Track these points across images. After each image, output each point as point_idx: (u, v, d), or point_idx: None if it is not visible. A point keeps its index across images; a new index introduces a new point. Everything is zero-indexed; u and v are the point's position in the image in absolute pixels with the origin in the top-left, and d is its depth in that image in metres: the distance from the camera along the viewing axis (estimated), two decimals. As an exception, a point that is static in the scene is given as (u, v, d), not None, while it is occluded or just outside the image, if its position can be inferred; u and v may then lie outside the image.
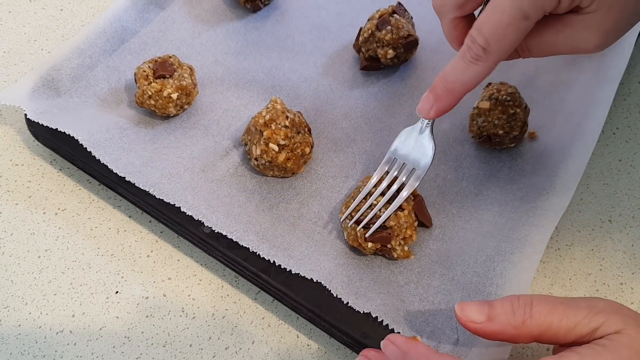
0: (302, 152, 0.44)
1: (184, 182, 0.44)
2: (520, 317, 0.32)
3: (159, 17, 0.54)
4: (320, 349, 0.40)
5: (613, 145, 0.49)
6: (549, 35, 0.35)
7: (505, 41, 0.33)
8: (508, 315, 0.32)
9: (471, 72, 0.35)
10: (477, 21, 0.34)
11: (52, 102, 0.47)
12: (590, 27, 0.33)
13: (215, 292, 0.42)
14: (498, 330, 0.33)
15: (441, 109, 0.38)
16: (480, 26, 0.33)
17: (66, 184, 0.47)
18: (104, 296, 0.42)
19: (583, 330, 0.31)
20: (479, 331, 0.33)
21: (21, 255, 0.43)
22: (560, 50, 0.35)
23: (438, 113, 0.38)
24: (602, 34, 0.33)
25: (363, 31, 0.50)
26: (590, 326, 0.31)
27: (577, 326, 0.31)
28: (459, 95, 0.37)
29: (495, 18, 0.32)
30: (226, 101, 0.50)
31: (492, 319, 0.33)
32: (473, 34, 0.34)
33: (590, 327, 0.31)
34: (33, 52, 0.55)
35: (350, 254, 0.42)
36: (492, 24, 0.32)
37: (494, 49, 0.33)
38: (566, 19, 0.34)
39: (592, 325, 0.31)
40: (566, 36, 0.34)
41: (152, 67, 0.47)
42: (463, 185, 0.45)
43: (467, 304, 0.34)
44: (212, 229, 0.41)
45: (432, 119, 0.39)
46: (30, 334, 0.40)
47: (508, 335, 0.33)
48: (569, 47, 0.35)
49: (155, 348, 0.40)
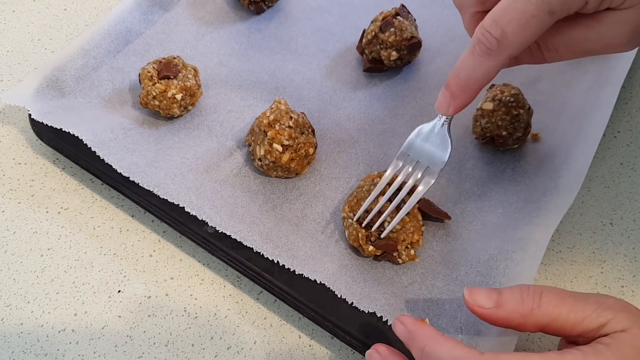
0: (305, 153, 0.44)
1: (188, 183, 0.44)
2: (529, 306, 0.32)
3: (163, 18, 0.55)
4: (322, 349, 0.40)
5: (614, 149, 0.50)
6: (579, 32, 0.33)
7: (526, 34, 0.31)
8: (517, 302, 0.32)
9: (482, 69, 0.34)
10: (493, 12, 0.32)
11: (57, 103, 0.48)
12: (623, 23, 0.32)
13: (217, 292, 0.42)
14: (505, 317, 0.32)
15: (459, 105, 0.36)
16: (498, 16, 0.31)
17: (69, 183, 0.47)
18: (106, 295, 0.42)
19: (591, 325, 0.31)
20: (485, 317, 0.33)
21: (24, 254, 0.43)
22: (591, 49, 0.34)
23: (456, 109, 0.37)
24: (634, 30, 0.32)
25: (366, 33, 0.51)
26: (598, 321, 0.31)
27: (585, 320, 0.31)
28: (474, 92, 0.36)
29: (519, 7, 0.31)
30: (230, 102, 0.50)
31: (501, 305, 0.33)
32: (487, 24, 0.32)
33: (598, 322, 0.31)
34: (37, 52, 0.55)
35: (353, 254, 0.42)
36: (515, 13, 0.31)
37: (510, 41, 0.32)
38: (597, 15, 0.33)
39: (600, 321, 0.31)
40: (597, 33, 0.33)
41: (156, 68, 0.47)
42: (466, 187, 0.45)
43: (476, 289, 0.34)
44: (215, 229, 0.42)
45: (451, 115, 0.38)
46: (32, 333, 0.40)
47: (515, 323, 0.32)
48: (600, 44, 0.33)
49: (157, 347, 0.40)
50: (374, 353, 0.35)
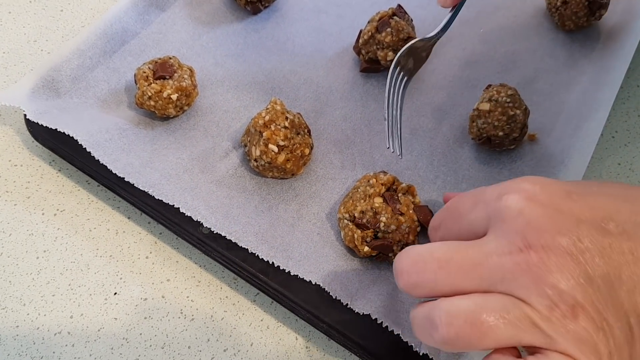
0: (301, 154, 0.44)
1: (184, 183, 0.44)
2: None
3: (159, 18, 0.54)
4: (319, 351, 0.40)
5: (612, 149, 0.49)
6: None
7: None
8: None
9: None
10: None
11: (52, 103, 0.47)
12: None
13: (214, 294, 0.42)
14: None
15: None
16: None
17: (65, 185, 0.47)
18: (102, 297, 0.42)
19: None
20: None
21: (19, 256, 0.43)
22: None
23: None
24: None
25: (363, 33, 0.51)
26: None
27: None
28: None
29: None
30: (226, 103, 0.50)
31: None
32: None
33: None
34: (33, 53, 0.55)
35: (348, 255, 0.41)
36: None
37: None
38: None
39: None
40: None
41: (152, 68, 0.47)
42: (463, 188, 0.45)
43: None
44: (211, 230, 0.41)
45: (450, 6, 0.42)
46: (28, 335, 0.40)
47: None
48: None
49: (153, 350, 0.40)
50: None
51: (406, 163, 0.46)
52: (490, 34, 0.55)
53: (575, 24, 0.53)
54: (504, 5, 0.57)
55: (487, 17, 0.56)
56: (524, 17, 0.56)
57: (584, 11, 0.52)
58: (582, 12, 0.52)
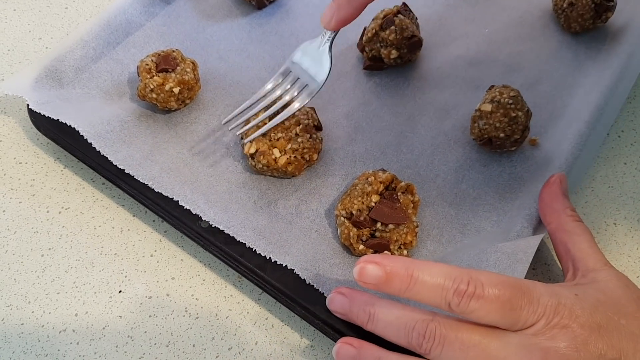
0: (309, 158, 0.44)
1: (183, 177, 0.44)
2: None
3: (164, 11, 0.54)
4: (324, 350, 0.40)
5: (618, 148, 0.49)
6: None
7: None
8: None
9: None
10: None
11: (55, 93, 0.48)
12: None
13: (218, 293, 0.42)
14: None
15: (342, 18, 0.38)
16: None
17: (70, 183, 0.47)
18: (107, 295, 0.42)
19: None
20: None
21: (24, 254, 0.43)
22: None
23: (339, 23, 0.39)
24: None
25: (367, 31, 0.50)
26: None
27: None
28: (360, 5, 0.37)
29: None
30: (228, 97, 0.49)
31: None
32: None
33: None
34: (37, 50, 0.55)
35: (345, 253, 0.41)
36: None
37: None
38: None
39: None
40: None
41: (154, 61, 0.47)
42: (462, 188, 0.45)
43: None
44: (209, 224, 0.41)
45: (333, 29, 0.40)
46: (32, 333, 0.40)
47: None
48: None
49: (158, 348, 0.40)
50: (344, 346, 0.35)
51: (406, 161, 0.46)
52: (496, 34, 0.54)
53: (581, 26, 0.53)
54: (510, 6, 0.56)
55: (492, 18, 0.56)
56: (529, 19, 0.55)
57: (590, 13, 0.52)
58: (588, 14, 0.52)
